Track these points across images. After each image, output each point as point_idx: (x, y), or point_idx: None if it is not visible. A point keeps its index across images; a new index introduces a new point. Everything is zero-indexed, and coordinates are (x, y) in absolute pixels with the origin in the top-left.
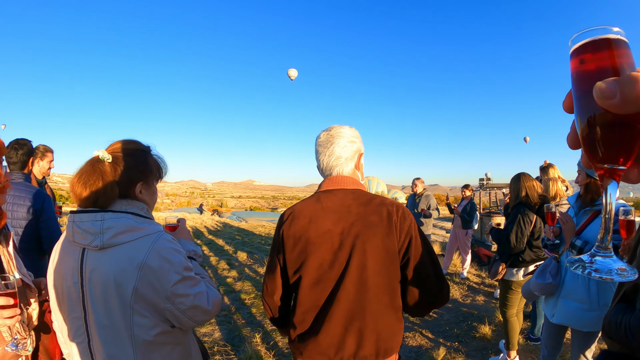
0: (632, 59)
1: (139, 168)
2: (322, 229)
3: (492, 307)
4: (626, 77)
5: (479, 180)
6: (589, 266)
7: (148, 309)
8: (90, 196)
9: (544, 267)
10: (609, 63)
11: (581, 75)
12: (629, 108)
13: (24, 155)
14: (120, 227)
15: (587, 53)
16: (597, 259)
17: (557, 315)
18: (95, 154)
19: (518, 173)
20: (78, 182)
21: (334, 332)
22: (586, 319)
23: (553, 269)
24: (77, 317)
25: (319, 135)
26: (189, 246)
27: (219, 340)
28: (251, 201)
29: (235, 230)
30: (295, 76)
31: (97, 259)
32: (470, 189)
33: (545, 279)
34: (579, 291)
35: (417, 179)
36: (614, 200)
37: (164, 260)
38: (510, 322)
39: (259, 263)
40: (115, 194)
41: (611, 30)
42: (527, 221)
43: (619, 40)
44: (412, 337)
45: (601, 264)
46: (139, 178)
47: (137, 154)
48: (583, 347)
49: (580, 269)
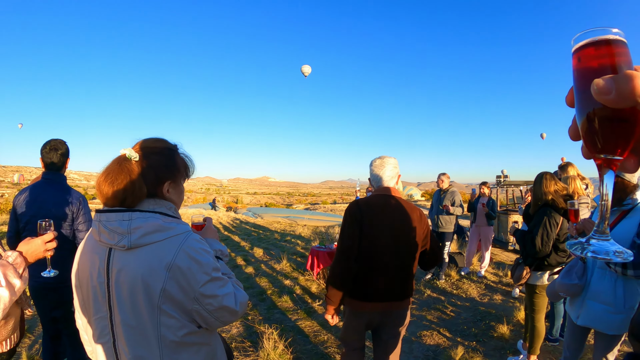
0: (629, 57)
1: (167, 167)
2: (385, 216)
3: (510, 307)
4: (622, 75)
5: (496, 177)
6: (587, 248)
7: (176, 310)
8: (118, 195)
9: (569, 268)
10: (607, 61)
11: (582, 72)
12: (624, 103)
13: (62, 156)
14: (148, 227)
15: (588, 52)
16: (595, 242)
17: (583, 317)
18: (122, 152)
19: (542, 173)
20: (105, 181)
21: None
22: (612, 322)
23: (579, 270)
24: (102, 317)
25: (374, 160)
26: (216, 245)
27: (237, 336)
28: (266, 197)
29: (252, 226)
30: (309, 72)
31: (125, 259)
32: (488, 185)
33: (572, 280)
34: (605, 293)
35: (443, 174)
36: (610, 189)
37: (193, 261)
38: (537, 327)
39: (276, 259)
40: (143, 193)
41: (610, 31)
42: (554, 223)
43: (617, 41)
44: (430, 336)
45: (598, 247)
46: (167, 177)
47: (165, 152)
48: (606, 349)
49: (579, 250)
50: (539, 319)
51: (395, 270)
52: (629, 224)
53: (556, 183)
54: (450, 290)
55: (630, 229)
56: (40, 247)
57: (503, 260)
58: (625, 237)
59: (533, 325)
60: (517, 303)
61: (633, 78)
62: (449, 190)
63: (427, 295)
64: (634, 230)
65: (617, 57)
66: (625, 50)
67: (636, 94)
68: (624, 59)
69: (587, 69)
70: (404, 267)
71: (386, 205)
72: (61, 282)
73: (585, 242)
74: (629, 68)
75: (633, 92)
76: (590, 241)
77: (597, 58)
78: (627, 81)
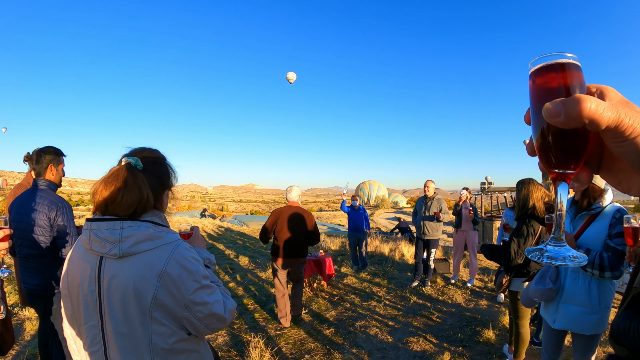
0: (582, 79)
1: (168, 176)
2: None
3: (495, 312)
4: (570, 99)
5: (481, 184)
6: (545, 254)
7: (167, 317)
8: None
9: (543, 273)
10: (560, 83)
11: (536, 93)
12: (572, 124)
13: (36, 163)
14: (139, 236)
15: (542, 74)
16: (551, 248)
17: (559, 320)
18: (127, 160)
19: (524, 179)
20: (110, 189)
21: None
22: (589, 322)
23: (553, 274)
24: (93, 325)
25: (288, 187)
26: (203, 254)
27: (223, 345)
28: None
29: (237, 234)
30: (294, 79)
31: (116, 268)
32: (469, 191)
33: (546, 285)
34: (580, 295)
35: (429, 181)
36: (565, 199)
37: (183, 269)
38: (522, 332)
39: (261, 268)
40: (150, 204)
41: (565, 55)
42: (531, 232)
43: (571, 64)
44: (416, 342)
45: (554, 252)
46: (168, 185)
47: (162, 161)
48: (586, 350)
49: (537, 257)
50: (523, 324)
51: (293, 242)
52: (598, 227)
53: (540, 190)
54: (436, 297)
55: (601, 231)
56: None
57: (488, 266)
58: (596, 239)
59: (518, 331)
60: (502, 308)
61: (580, 102)
62: (434, 197)
63: (413, 301)
64: (604, 233)
65: (569, 80)
66: (577, 73)
67: (583, 116)
68: (576, 81)
69: (541, 91)
70: (298, 240)
71: (290, 209)
72: (47, 289)
73: (543, 248)
74: (581, 89)
75: (580, 114)
76: (547, 247)
77: (551, 80)
78: (575, 105)
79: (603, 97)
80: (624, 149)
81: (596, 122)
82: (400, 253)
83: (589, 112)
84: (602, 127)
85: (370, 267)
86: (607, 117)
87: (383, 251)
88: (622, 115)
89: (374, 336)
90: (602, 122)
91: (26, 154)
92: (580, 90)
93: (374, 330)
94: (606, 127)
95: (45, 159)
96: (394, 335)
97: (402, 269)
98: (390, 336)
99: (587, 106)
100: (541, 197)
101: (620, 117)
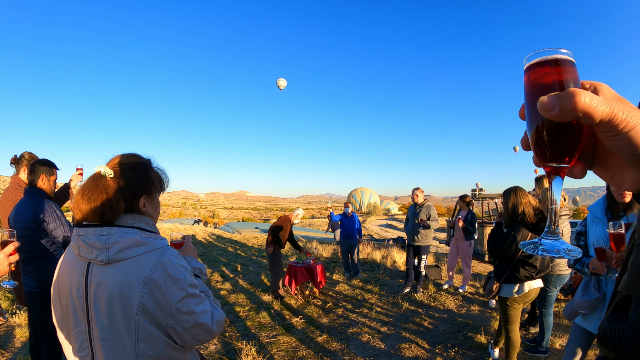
0: (576, 75)
1: (142, 181)
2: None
3: (487, 317)
4: (564, 92)
5: (471, 190)
6: (539, 247)
7: (153, 325)
8: (96, 211)
9: (585, 284)
10: (554, 78)
11: (531, 88)
12: (567, 118)
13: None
14: (126, 242)
15: (537, 70)
16: (546, 242)
17: None
18: (97, 169)
19: (511, 187)
20: (82, 198)
21: None
22: None
23: (596, 283)
24: (81, 330)
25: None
26: (194, 263)
27: (214, 353)
28: (244, 212)
29: (229, 241)
30: (285, 86)
31: (103, 274)
32: (467, 199)
33: (592, 295)
34: None
35: (417, 189)
36: (559, 194)
37: (169, 276)
38: (512, 338)
39: (253, 275)
40: (121, 208)
41: (559, 51)
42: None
43: (565, 60)
44: (409, 348)
45: (549, 245)
46: (142, 191)
47: (139, 167)
48: None
49: (532, 250)
50: (513, 329)
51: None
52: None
53: (527, 197)
54: (428, 303)
55: None
56: (3, 262)
57: (480, 271)
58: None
59: (508, 336)
60: (494, 313)
61: (574, 95)
62: (424, 204)
63: (405, 308)
64: None
65: (563, 75)
66: (571, 69)
67: (577, 110)
68: (570, 76)
69: (535, 86)
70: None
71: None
72: (43, 292)
73: (538, 242)
74: (575, 84)
75: (575, 108)
76: (542, 241)
77: (545, 76)
78: (569, 98)
79: (597, 93)
80: (617, 142)
81: (590, 115)
82: (392, 260)
83: (583, 106)
84: (596, 121)
85: (362, 274)
86: (601, 110)
87: (375, 258)
88: (615, 110)
89: (367, 343)
90: (596, 115)
91: (13, 157)
92: (574, 86)
93: (366, 337)
94: (600, 120)
95: (40, 170)
96: (387, 342)
97: (394, 276)
98: (383, 342)
99: (581, 99)
100: (529, 202)
101: (613, 111)
